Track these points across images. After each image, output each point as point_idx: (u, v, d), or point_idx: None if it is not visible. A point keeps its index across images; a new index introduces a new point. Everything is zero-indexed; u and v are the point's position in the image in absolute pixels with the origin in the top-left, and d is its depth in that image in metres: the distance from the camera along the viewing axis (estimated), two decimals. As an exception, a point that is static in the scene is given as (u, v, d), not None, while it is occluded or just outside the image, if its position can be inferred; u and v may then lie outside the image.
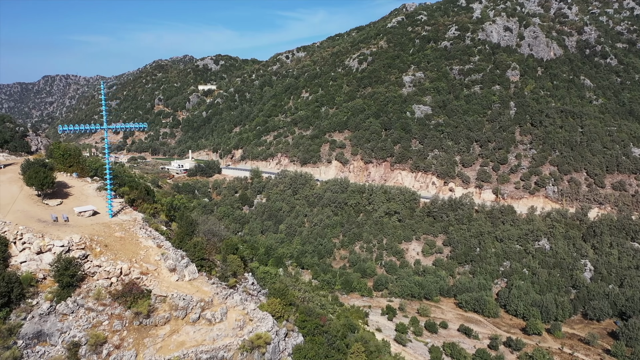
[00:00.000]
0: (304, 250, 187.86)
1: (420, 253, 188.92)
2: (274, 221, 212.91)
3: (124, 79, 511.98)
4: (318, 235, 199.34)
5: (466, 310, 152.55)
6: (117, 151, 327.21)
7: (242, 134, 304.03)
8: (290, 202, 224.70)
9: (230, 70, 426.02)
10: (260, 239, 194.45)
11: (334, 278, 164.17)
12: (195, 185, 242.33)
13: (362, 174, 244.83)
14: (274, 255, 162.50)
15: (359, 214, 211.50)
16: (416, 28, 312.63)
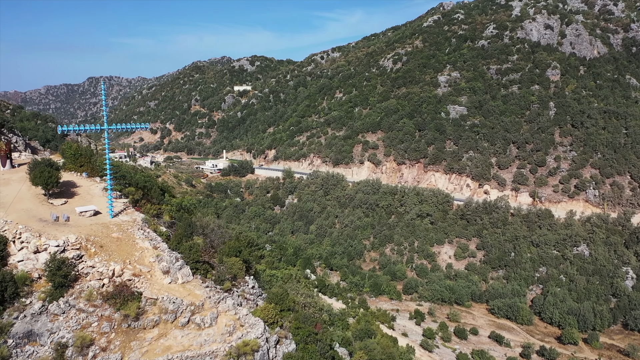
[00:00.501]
0: (333, 252, 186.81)
1: (452, 257, 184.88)
2: (305, 222, 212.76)
3: (164, 80, 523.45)
4: (348, 236, 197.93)
5: (498, 317, 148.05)
6: (154, 151, 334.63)
7: (276, 135, 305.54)
8: (322, 202, 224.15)
9: (266, 71, 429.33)
10: (290, 239, 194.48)
11: (362, 280, 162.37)
12: (227, 184, 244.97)
13: (395, 175, 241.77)
14: (303, 256, 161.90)
15: (390, 215, 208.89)
16: (452, 27, 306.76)
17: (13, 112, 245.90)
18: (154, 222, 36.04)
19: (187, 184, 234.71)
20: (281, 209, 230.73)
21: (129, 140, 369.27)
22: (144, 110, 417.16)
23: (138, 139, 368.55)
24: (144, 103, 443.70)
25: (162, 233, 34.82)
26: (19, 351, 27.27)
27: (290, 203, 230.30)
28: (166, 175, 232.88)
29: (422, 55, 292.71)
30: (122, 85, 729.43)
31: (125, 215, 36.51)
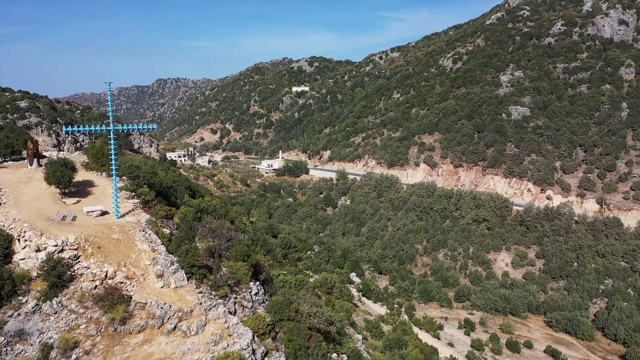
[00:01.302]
0: (384, 255, 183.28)
1: (509, 264, 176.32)
2: (357, 223, 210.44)
3: (227, 81, 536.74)
4: (400, 240, 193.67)
5: (556, 330, 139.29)
6: (213, 150, 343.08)
7: (331, 135, 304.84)
8: (374, 204, 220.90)
9: (324, 71, 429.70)
10: (340, 241, 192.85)
11: (412, 285, 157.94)
12: (281, 184, 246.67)
13: (451, 178, 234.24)
14: (351, 259, 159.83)
15: (445, 219, 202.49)
16: (517, 24, 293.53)
17: (82, 112, 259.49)
18: (157, 224, 35.55)
19: (241, 183, 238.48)
20: (333, 210, 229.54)
21: (190, 139, 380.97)
22: (206, 111, 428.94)
23: (199, 139, 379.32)
24: (205, 104, 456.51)
25: (164, 235, 34.25)
26: (9, 349, 27.37)
27: (343, 204, 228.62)
28: (222, 175, 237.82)
29: (484, 54, 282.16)
30: (188, 87, 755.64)
31: (131, 216, 36.29)
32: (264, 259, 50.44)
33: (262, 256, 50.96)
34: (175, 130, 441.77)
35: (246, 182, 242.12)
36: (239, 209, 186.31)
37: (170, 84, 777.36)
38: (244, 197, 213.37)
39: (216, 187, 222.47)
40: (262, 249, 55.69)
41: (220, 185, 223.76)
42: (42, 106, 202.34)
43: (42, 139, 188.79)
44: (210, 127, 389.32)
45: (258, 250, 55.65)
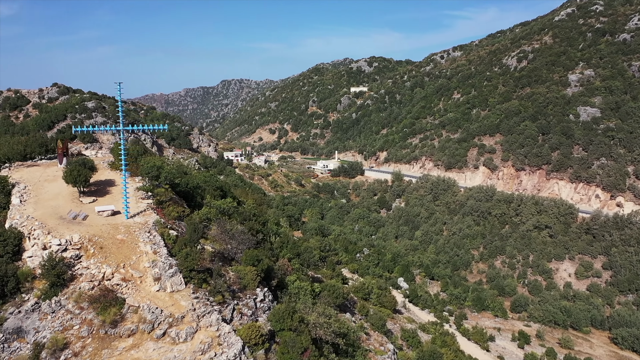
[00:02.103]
0: (437, 260, 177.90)
1: (572, 275, 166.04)
2: (410, 227, 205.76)
3: (287, 82, 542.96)
4: (455, 245, 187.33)
5: (622, 348, 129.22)
6: (271, 150, 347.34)
7: (388, 136, 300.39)
8: (430, 208, 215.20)
9: (383, 71, 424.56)
10: (392, 244, 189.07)
11: (464, 293, 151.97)
12: (335, 185, 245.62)
13: (512, 182, 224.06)
14: (401, 263, 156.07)
15: (503, 225, 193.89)
16: (589, 20, 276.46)
17: (146, 112, 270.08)
18: (165, 226, 35.14)
19: (296, 183, 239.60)
20: (387, 212, 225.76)
21: (249, 139, 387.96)
22: (265, 111, 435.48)
23: (257, 139, 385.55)
24: (265, 104, 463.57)
25: (170, 237, 33.76)
26: (6, 347, 27.65)
27: (397, 207, 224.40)
28: (276, 174, 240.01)
29: (551, 52, 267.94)
30: (251, 88, 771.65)
31: (141, 217, 36.13)
32: (287, 263, 49.24)
33: (286, 260, 49.77)
34: (235, 130, 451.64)
35: (300, 182, 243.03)
36: (292, 208, 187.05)
37: (234, 85, 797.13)
38: (297, 197, 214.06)
39: (270, 186, 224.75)
40: (289, 253, 54.56)
41: (275, 185, 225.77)
42: (107, 106, 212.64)
43: (106, 137, 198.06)
44: (269, 127, 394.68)
45: (284, 254, 54.64)
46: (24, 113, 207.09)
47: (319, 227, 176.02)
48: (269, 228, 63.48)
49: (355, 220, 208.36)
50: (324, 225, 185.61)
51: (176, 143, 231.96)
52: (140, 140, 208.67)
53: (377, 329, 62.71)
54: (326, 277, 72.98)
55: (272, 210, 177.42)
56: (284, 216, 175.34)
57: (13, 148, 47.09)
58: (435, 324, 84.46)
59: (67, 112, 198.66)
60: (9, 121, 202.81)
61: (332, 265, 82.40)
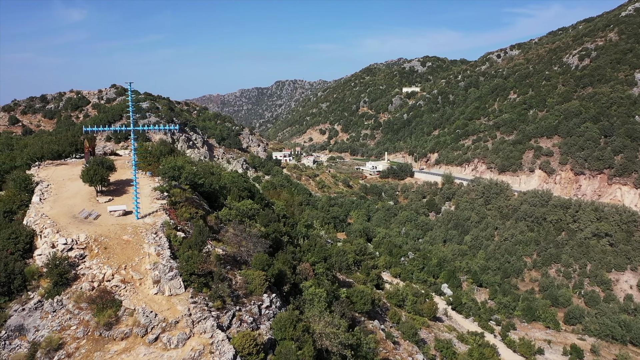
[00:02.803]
0: (486, 266, 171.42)
1: (634, 287, 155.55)
2: (460, 231, 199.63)
3: (340, 83, 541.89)
4: (506, 251, 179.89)
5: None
6: (320, 150, 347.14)
7: (440, 137, 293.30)
8: (481, 212, 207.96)
9: (437, 71, 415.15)
10: (440, 248, 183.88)
11: (514, 302, 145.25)
12: (382, 187, 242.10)
13: (570, 186, 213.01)
14: (447, 268, 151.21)
15: (559, 232, 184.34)
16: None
17: (199, 113, 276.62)
18: (173, 227, 34.68)
19: (343, 184, 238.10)
20: (436, 215, 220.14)
21: (299, 139, 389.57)
22: (316, 112, 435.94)
23: (308, 139, 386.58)
24: (316, 105, 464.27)
25: (177, 239, 33.26)
26: (7, 343, 27.92)
27: (446, 210, 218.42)
28: (324, 175, 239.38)
29: (617, 49, 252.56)
30: (304, 88, 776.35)
31: (151, 218, 35.90)
32: (309, 268, 47.92)
33: (307, 264, 48.45)
34: (287, 130, 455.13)
35: (348, 183, 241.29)
36: (338, 210, 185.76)
37: (287, 86, 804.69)
38: (343, 199, 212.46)
39: (317, 187, 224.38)
40: (314, 256, 53.21)
41: (322, 186, 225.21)
42: (161, 107, 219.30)
43: (159, 137, 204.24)
44: (320, 127, 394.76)
45: (308, 258, 53.33)
46: (83, 113, 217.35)
47: (363, 229, 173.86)
48: (298, 230, 62.43)
49: (402, 223, 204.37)
50: (370, 227, 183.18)
51: (226, 143, 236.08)
52: (191, 140, 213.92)
53: (408, 338, 60.35)
54: (358, 282, 71.20)
55: (315, 211, 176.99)
56: (328, 217, 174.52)
57: (43, 147, 48.49)
58: (476, 334, 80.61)
59: (123, 112, 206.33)
60: (70, 121, 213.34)
61: (366, 270, 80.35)
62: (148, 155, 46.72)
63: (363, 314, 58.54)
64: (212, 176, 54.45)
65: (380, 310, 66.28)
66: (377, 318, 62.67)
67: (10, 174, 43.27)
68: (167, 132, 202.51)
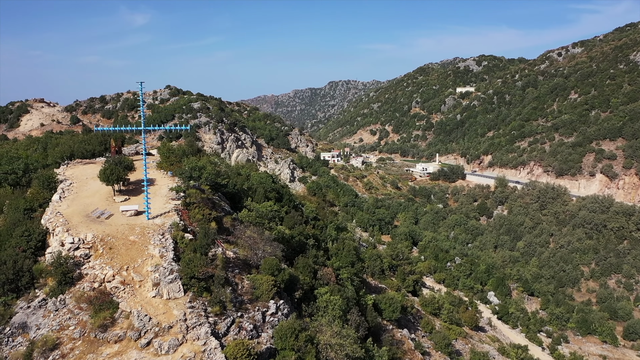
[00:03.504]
0: (539, 275, 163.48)
1: None
2: (512, 237, 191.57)
3: (392, 83, 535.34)
4: (562, 259, 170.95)
5: None
6: (370, 151, 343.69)
7: (494, 139, 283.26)
8: (535, 217, 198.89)
9: (493, 70, 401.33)
10: (490, 254, 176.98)
11: (568, 313, 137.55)
12: (432, 189, 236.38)
13: (635, 192, 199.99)
14: (496, 275, 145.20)
15: (621, 240, 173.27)
16: None
17: (249, 113, 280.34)
18: (180, 229, 34.14)
19: (392, 185, 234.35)
20: (487, 220, 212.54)
21: (350, 140, 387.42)
22: (367, 112, 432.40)
23: (358, 140, 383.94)
24: (368, 105, 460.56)
25: (184, 241, 32.70)
26: (10, 340, 28.19)
27: (499, 214, 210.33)
28: (372, 176, 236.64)
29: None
30: (357, 89, 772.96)
31: (162, 218, 35.56)
32: (331, 272, 46.40)
33: (329, 269, 46.94)
34: (337, 130, 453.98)
35: (397, 185, 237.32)
36: (384, 212, 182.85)
37: (341, 86, 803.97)
38: (391, 200, 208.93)
39: (365, 188, 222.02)
40: (340, 261, 51.60)
41: (369, 187, 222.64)
42: (211, 107, 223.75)
43: (209, 137, 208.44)
44: (370, 128, 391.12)
45: (333, 262, 51.78)
46: (138, 113, 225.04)
47: (409, 232, 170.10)
48: (328, 233, 61.00)
49: (451, 227, 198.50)
50: (416, 230, 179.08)
51: (275, 143, 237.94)
52: (240, 139, 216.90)
53: (440, 349, 57.64)
54: (392, 288, 68.95)
55: (360, 213, 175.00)
56: (373, 220, 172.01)
57: (73, 147, 49.61)
58: (519, 347, 76.29)
59: (175, 112, 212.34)
60: (126, 120, 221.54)
61: (402, 275, 77.75)
62: (171, 155, 46.79)
63: (392, 322, 56.39)
64: (239, 177, 53.93)
65: (412, 318, 63.83)
66: (408, 327, 60.30)
67: (36, 172, 44.52)
68: (217, 131, 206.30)
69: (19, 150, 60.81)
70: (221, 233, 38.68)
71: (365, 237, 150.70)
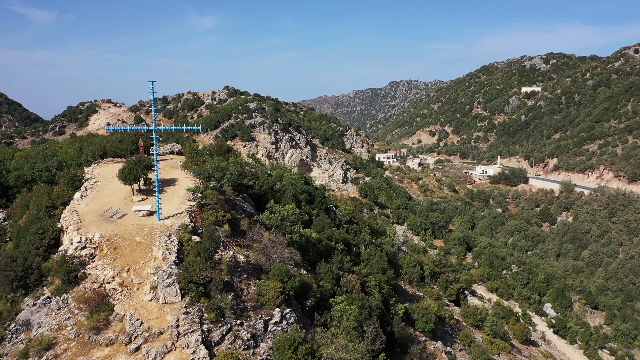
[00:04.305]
0: (605, 287, 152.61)
1: None
2: (577, 245, 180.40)
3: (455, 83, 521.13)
4: (632, 271, 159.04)
5: None
6: (428, 153, 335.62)
7: (561, 141, 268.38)
8: (603, 225, 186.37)
9: (562, 69, 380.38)
10: (551, 263, 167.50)
11: (635, 330, 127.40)
12: (491, 193, 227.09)
13: None
14: (556, 286, 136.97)
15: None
16: None
17: (305, 113, 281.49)
18: (187, 230, 33.38)
19: (448, 188, 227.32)
20: (550, 226, 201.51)
21: (408, 141, 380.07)
22: (427, 113, 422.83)
23: (416, 141, 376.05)
24: (428, 105, 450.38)
25: (189, 243, 31.92)
26: (14, 337, 28.46)
27: (563, 221, 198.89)
28: (428, 178, 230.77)
29: None
30: (419, 89, 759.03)
31: (172, 219, 34.99)
32: (355, 280, 44.45)
33: (354, 276, 44.96)
34: (396, 131, 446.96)
35: (454, 188, 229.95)
36: (438, 215, 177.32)
37: (402, 87, 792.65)
38: (446, 204, 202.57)
39: (420, 190, 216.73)
40: (369, 268, 49.44)
41: (425, 189, 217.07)
42: (267, 107, 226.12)
43: (263, 137, 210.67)
44: (429, 129, 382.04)
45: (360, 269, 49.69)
46: (197, 113, 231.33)
47: (464, 237, 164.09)
48: (362, 238, 58.87)
49: (510, 233, 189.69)
50: (471, 235, 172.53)
51: (329, 143, 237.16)
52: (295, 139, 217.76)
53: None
54: (431, 297, 65.87)
55: (413, 216, 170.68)
56: (426, 223, 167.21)
57: (106, 146, 50.57)
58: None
59: (232, 112, 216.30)
60: (185, 120, 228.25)
61: (444, 283, 74.15)
62: (195, 155, 46.55)
63: (425, 333, 53.55)
64: (270, 178, 53.02)
65: (450, 329, 60.54)
66: (445, 339, 57.16)
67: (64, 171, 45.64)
68: (271, 131, 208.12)
69: (62, 148, 63.09)
70: (237, 236, 37.77)
71: (416, 241, 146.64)
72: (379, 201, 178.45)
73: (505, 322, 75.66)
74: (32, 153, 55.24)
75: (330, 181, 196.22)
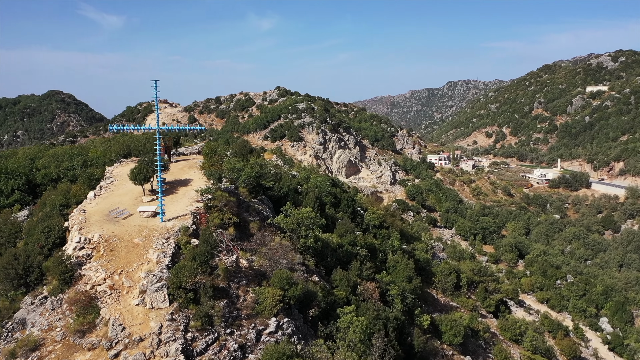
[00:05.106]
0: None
1: None
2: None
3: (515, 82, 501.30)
4: None
5: None
6: (484, 154, 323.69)
7: (629, 144, 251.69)
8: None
9: (632, 67, 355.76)
10: (612, 274, 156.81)
11: None
12: (548, 198, 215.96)
13: None
14: (615, 299, 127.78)
15: None
16: None
17: (356, 114, 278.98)
18: (187, 233, 32.46)
19: (503, 192, 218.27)
20: (613, 234, 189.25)
21: (463, 142, 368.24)
22: (484, 114, 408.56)
23: (472, 142, 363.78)
24: (485, 106, 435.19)
25: (187, 247, 31.00)
26: (9, 335, 28.57)
27: (627, 229, 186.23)
28: (481, 181, 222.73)
29: None
30: (478, 89, 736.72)
31: (176, 221, 34.25)
32: (373, 288, 42.29)
33: (371, 284, 42.75)
34: (451, 132, 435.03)
35: (509, 192, 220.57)
36: (489, 220, 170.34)
37: (460, 86, 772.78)
38: (500, 208, 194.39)
39: (472, 194, 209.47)
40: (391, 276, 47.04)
41: (477, 193, 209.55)
42: (316, 108, 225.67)
43: (311, 137, 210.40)
44: (486, 130, 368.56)
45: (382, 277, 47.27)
46: (248, 113, 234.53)
47: (516, 244, 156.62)
48: (390, 243, 56.34)
49: (568, 241, 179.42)
50: (525, 242, 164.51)
51: (379, 144, 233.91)
52: (343, 140, 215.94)
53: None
54: (466, 307, 62.45)
55: (462, 220, 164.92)
56: (476, 228, 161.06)
57: (130, 145, 51.00)
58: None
59: (281, 112, 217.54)
60: (236, 120, 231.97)
61: (482, 293, 70.10)
62: (213, 156, 45.92)
63: (453, 347, 50.51)
64: (293, 179, 51.71)
65: (484, 343, 56.95)
66: (477, 353, 53.81)
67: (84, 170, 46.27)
68: (320, 132, 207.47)
69: (96, 147, 64.59)
70: (244, 239, 36.69)
71: (464, 246, 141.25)
72: (427, 204, 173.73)
73: (552, 337, 70.66)
74: (60, 152, 56.87)
75: (378, 182, 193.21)
